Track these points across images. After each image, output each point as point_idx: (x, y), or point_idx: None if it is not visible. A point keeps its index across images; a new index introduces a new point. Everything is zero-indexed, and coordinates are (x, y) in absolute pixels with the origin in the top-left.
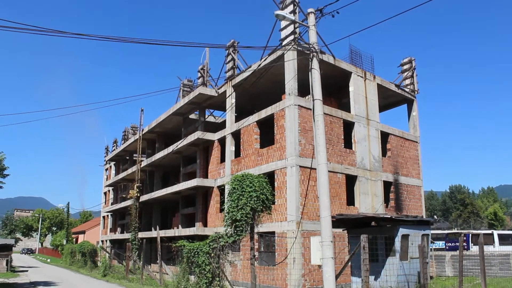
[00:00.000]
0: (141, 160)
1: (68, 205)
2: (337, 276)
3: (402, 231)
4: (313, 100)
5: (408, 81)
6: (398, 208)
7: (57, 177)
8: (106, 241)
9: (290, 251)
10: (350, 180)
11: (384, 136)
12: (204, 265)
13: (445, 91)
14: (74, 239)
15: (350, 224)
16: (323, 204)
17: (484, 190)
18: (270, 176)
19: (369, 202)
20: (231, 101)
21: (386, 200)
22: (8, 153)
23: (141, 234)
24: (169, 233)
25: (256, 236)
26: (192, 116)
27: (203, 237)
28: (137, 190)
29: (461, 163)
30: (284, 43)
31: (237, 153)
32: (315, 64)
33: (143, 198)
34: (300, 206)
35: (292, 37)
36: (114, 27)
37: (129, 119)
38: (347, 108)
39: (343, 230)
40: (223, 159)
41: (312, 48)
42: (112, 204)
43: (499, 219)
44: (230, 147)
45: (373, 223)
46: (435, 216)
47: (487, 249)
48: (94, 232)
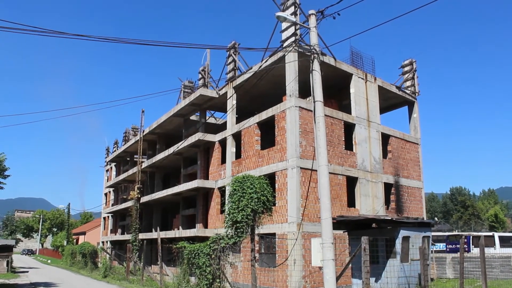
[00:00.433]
0: (142, 161)
1: (69, 206)
2: (337, 278)
3: (403, 233)
4: (314, 101)
5: (409, 83)
6: (398, 210)
7: (58, 178)
8: (107, 242)
9: (290, 252)
10: (351, 182)
11: (385, 138)
12: (204, 266)
13: (446, 93)
14: (75, 240)
15: (351, 226)
16: (324, 206)
17: (485, 192)
18: (270, 178)
19: (370, 204)
20: (232, 103)
21: (387, 202)
22: (9, 154)
23: (141, 235)
24: (170, 234)
25: (256, 238)
26: (193, 118)
27: (203, 239)
28: (138, 191)
29: (461, 165)
30: (285, 44)
31: (238, 155)
32: (316, 66)
33: (144, 199)
34: (301, 208)
35: (293, 38)
36: (115, 28)
37: (130, 120)
38: (348, 110)
39: (343, 231)
40: (223, 161)
41: (313, 50)
42: (112, 205)
43: (500, 221)
44: (231, 149)
45: (373, 225)
46: (436, 218)
47: (488, 251)
48: (94, 233)
